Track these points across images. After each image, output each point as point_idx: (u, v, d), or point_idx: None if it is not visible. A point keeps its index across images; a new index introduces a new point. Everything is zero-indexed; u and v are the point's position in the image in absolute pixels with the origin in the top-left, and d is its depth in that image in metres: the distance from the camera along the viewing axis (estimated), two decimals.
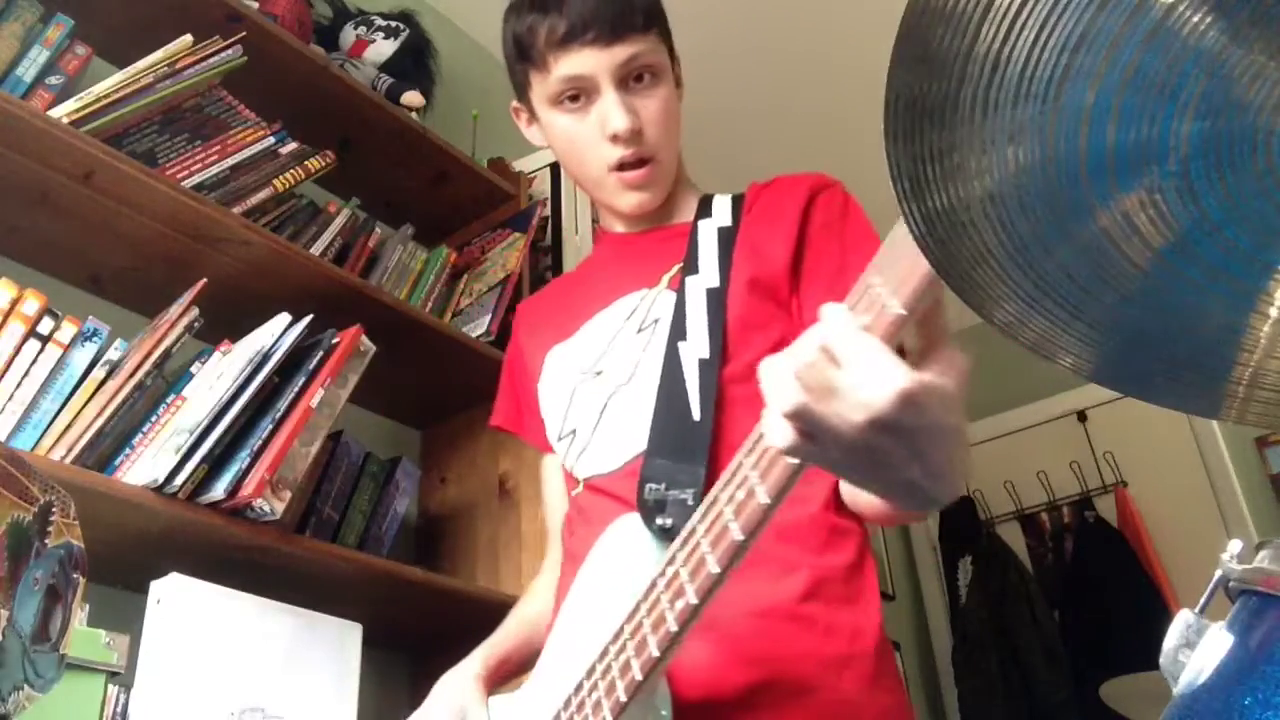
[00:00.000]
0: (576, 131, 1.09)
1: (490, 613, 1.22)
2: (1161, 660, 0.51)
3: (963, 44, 0.38)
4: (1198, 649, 0.50)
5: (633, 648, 0.77)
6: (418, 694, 1.07)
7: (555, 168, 2.32)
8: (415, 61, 2.14)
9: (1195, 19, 0.34)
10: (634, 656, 0.76)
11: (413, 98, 2.04)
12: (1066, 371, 0.47)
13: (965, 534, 3.62)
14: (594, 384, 1.07)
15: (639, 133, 1.07)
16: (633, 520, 0.91)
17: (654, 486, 0.92)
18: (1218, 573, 0.55)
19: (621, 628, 0.79)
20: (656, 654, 0.74)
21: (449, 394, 1.98)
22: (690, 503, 0.88)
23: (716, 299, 1.01)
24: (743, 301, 1.01)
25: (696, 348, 0.99)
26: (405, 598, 1.63)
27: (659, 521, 0.88)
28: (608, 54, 1.05)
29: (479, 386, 1.94)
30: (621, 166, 1.08)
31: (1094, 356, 0.45)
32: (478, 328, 1.93)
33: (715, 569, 0.70)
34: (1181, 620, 0.51)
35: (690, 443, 0.93)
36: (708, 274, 1.04)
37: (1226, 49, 0.35)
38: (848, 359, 0.58)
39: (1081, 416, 3.57)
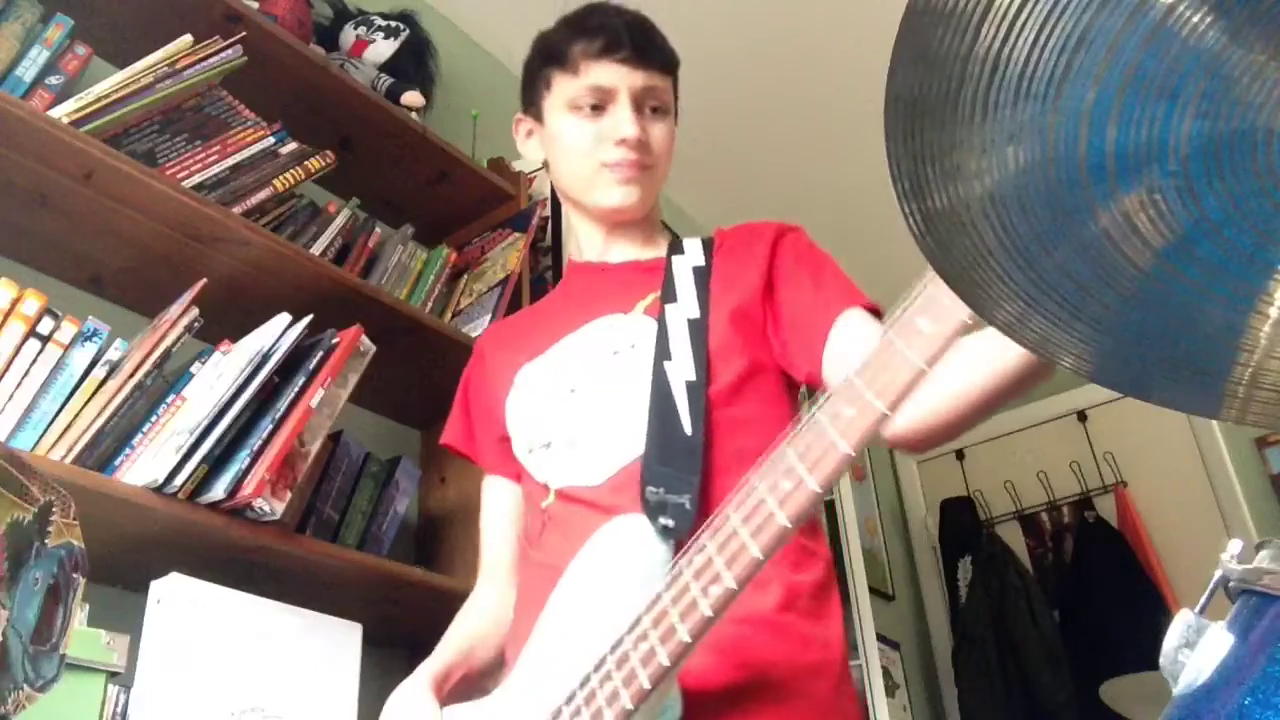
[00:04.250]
0: (583, 133, 1.18)
1: None
2: (1161, 660, 0.51)
3: (963, 44, 0.38)
4: (1198, 649, 0.50)
5: (638, 657, 0.78)
6: None
7: None
8: (415, 61, 2.14)
9: (1195, 19, 0.34)
10: (640, 666, 0.78)
11: (413, 98, 2.04)
12: (1066, 371, 0.47)
13: (965, 534, 3.63)
14: (570, 400, 1.11)
15: (644, 144, 1.17)
16: (635, 519, 0.94)
17: (654, 489, 0.97)
18: (1218, 573, 0.55)
19: (621, 638, 0.81)
20: (667, 663, 0.77)
21: (449, 394, 1.97)
22: (688, 507, 0.94)
23: (698, 328, 1.09)
24: (723, 331, 1.09)
25: (683, 370, 1.05)
26: (405, 598, 1.63)
27: (661, 521, 0.93)
28: (633, 74, 1.17)
29: None
30: (614, 165, 1.17)
31: (1094, 356, 0.45)
32: (478, 328, 1.93)
33: (732, 585, 0.74)
34: (1181, 620, 0.51)
35: (684, 453, 0.99)
36: (687, 305, 1.12)
37: (1226, 49, 0.35)
38: None
39: (1081, 416, 3.58)
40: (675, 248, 1.21)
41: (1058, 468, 3.56)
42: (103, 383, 1.32)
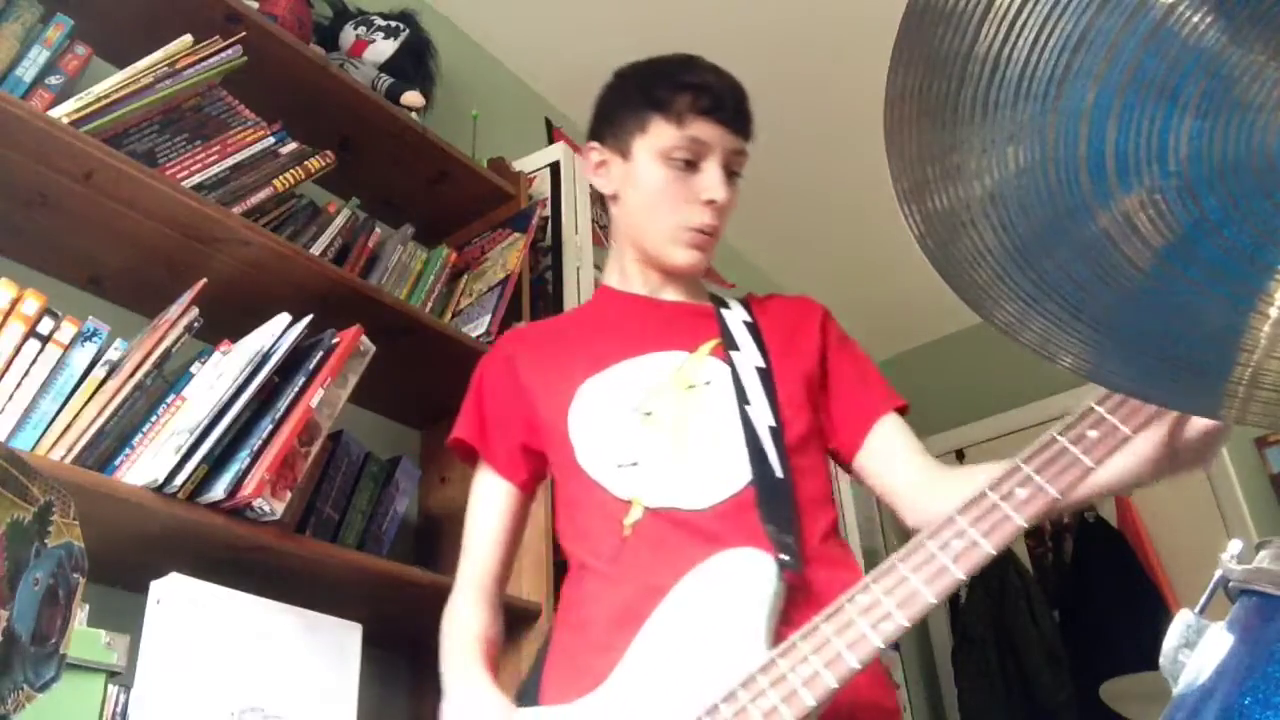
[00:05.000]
0: (674, 188, 1.22)
1: None
2: (1161, 660, 0.51)
3: (963, 44, 0.38)
4: (1198, 649, 0.50)
5: (799, 678, 0.86)
6: (418, 694, 1.07)
7: (555, 168, 2.32)
8: (415, 61, 2.14)
9: (1195, 19, 0.34)
10: (802, 686, 0.85)
11: (413, 98, 2.04)
12: (1066, 371, 0.47)
13: None
14: (652, 424, 1.14)
15: (721, 210, 1.23)
16: (759, 554, 1.00)
17: (771, 528, 1.05)
18: (1218, 573, 0.55)
19: (774, 660, 0.88)
20: (834, 685, 0.85)
21: (449, 394, 1.96)
22: (794, 545, 1.04)
23: (766, 378, 1.17)
24: (791, 386, 1.18)
25: (763, 416, 1.13)
26: (405, 598, 1.63)
27: (783, 556, 1.01)
28: (729, 137, 1.22)
29: None
30: (696, 228, 1.22)
31: (1094, 356, 0.45)
32: (478, 328, 1.93)
33: (904, 622, 0.85)
34: (1181, 620, 0.51)
35: (782, 495, 1.08)
36: (750, 355, 1.20)
37: (1226, 49, 0.35)
38: None
39: None
40: (720, 302, 1.29)
41: None
42: (103, 383, 1.32)
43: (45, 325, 1.30)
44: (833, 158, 3.07)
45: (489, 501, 1.25)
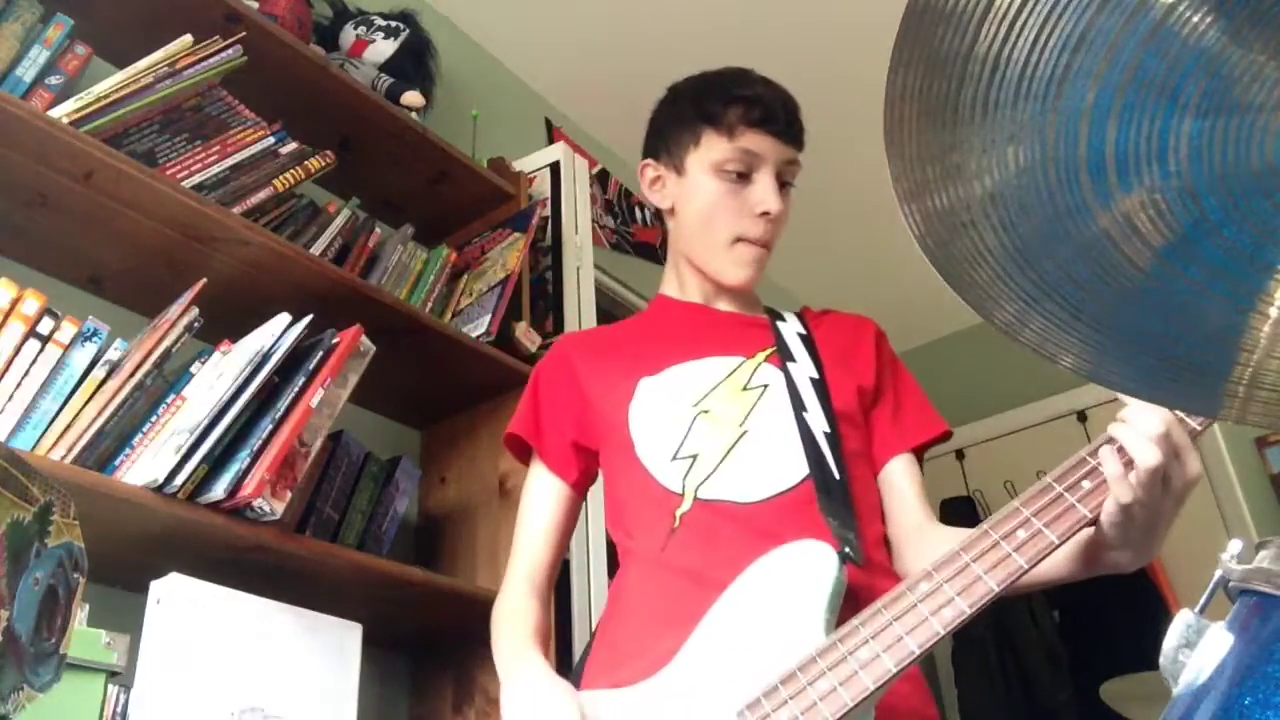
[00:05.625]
0: (727, 200, 1.23)
1: (490, 613, 1.22)
2: (1161, 660, 0.51)
3: (963, 44, 0.38)
4: (1198, 649, 0.50)
5: (858, 662, 0.87)
6: (418, 694, 1.07)
7: (555, 168, 2.32)
8: (415, 61, 2.14)
9: (1195, 19, 0.34)
10: (862, 671, 0.87)
11: (413, 98, 2.04)
12: (1066, 371, 0.47)
13: None
14: (710, 420, 1.17)
15: (776, 220, 1.24)
16: (824, 547, 1.01)
17: (832, 521, 1.07)
18: (1218, 573, 0.55)
19: (834, 644, 0.90)
20: (893, 669, 0.86)
21: (449, 394, 1.98)
22: (856, 541, 1.06)
23: (820, 388, 1.19)
24: (846, 398, 1.20)
25: (819, 422, 1.15)
26: (405, 598, 1.63)
27: (845, 549, 1.02)
28: (781, 148, 1.24)
29: (479, 386, 1.94)
30: (750, 241, 1.24)
31: (1094, 356, 0.45)
32: (478, 328, 1.93)
33: (965, 608, 0.87)
34: (1181, 620, 0.51)
35: (840, 494, 1.11)
36: (805, 365, 1.22)
37: (1226, 49, 0.35)
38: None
39: (1081, 416, 3.57)
40: (775, 314, 1.31)
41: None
42: (103, 383, 1.32)
43: (45, 325, 1.30)
44: (833, 158, 3.07)
45: (541, 498, 1.26)
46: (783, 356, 1.22)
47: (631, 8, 2.67)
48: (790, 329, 1.27)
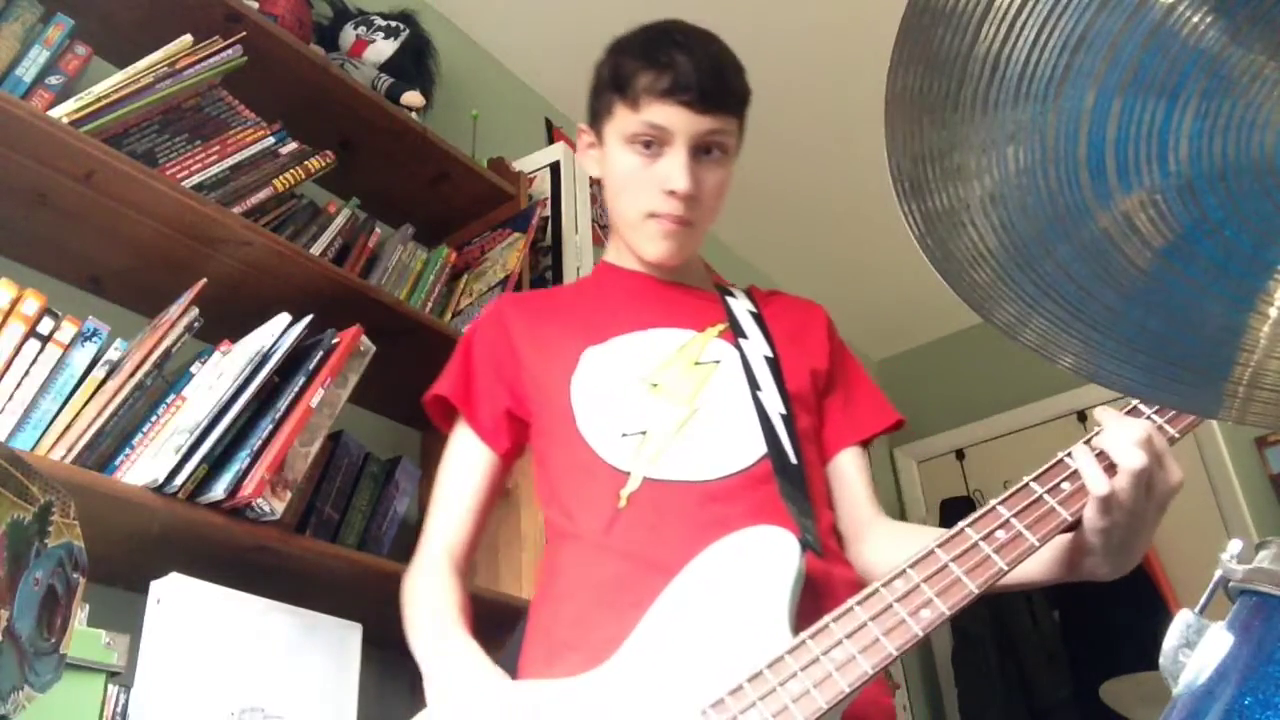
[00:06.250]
0: (637, 174, 1.16)
1: (490, 613, 1.22)
2: (1161, 660, 0.51)
3: (963, 44, 0.38)
4: (1198, 649, 0.50)
5: (833, 664, 0.83)
6: (418, 694, 1.05)
7: (555, 168, 2.32)
8: (415, 61, 2.14)
9: (1195, 19, 0.34)
10: (837, 672, 0.82)
11: (413, 98, 2.04)
12: (1066, 371, 0.47)
13: None
14: (660, 396, 1.11)
15: (692, 198, 1.15)
16: (783, 533, 0.96)
17: (791, 506, 1.02)
18: (1218, 573, 0.55)
19: (805, 642, 0.85)
20: (870, 671, 0.82)
21: None
22: (814, 529, 1.02)
23: (774, 368, 1.14)
24: (800, 380, 1.16)
25: (774, 403, 1.11)
26: None
27: (806, 536, 0.98)
28: (695, 119, 1.13)
29: None
30: (660, 216, 1.16)
31: (1094, 356, 0.45)
32: None
33: (944, 609, 0.84)
34: (1181, 620, 0.51)
35: (797, 479, 1.06)
36: (758, 343, 1.17)
37: (1226, 49, 0.35)
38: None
39: (1081, 417, 3.57)
40: (724, 290, 1.26)
41: None
42: (103, 383, 1.32)
43: (45, 325, 1.30)
44: (833, 158, 3.07)
45: (468, 467, 1.17)
46: (735, 332, 1.17)
47: (631, 8, 2.66)
48: (741, 306, 1.22)
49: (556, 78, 2.80)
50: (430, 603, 1.10)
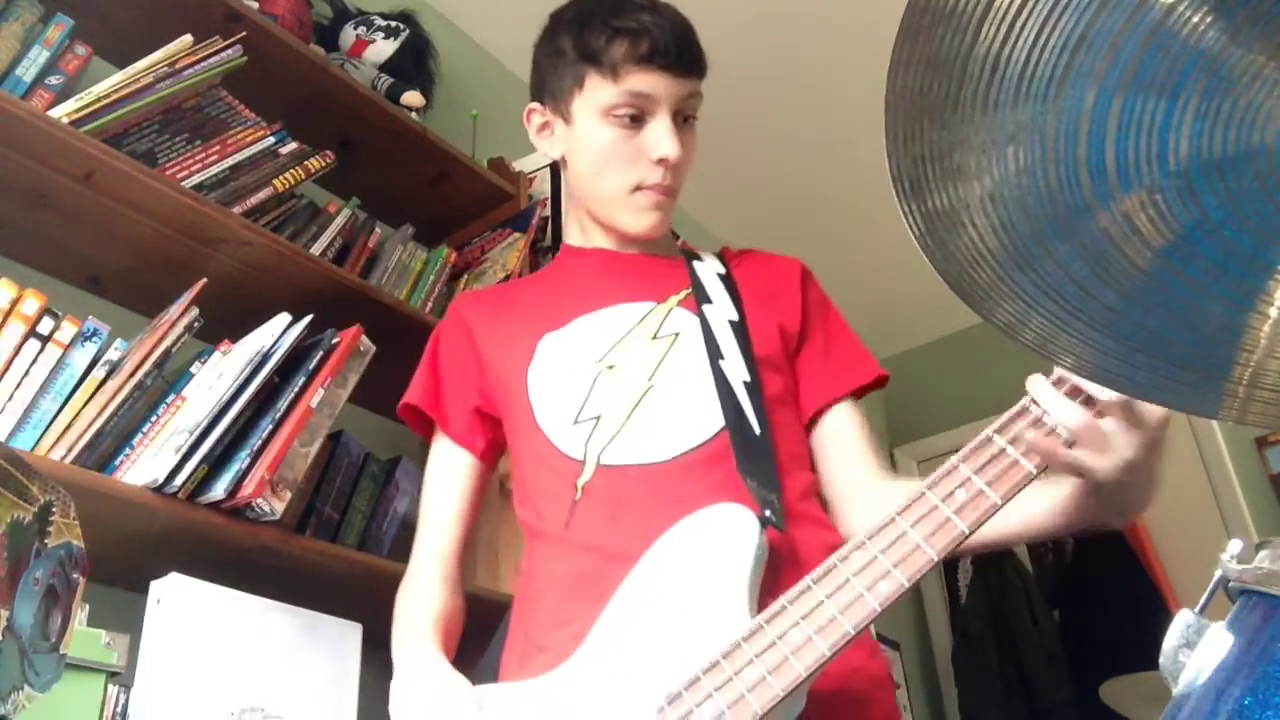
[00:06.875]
0: (620, 147, 1.11)
1: (491, 613, 1.21)
2: (1161, 660, 0.51)
3: (963, 44, 0.38)
4: (1198, 649, 0.50)
5: (789, 648, 0.79)
6: None
7: (555, 168, 2.32)
8: (415, 61, 2.14)
9: (1195, 19, 0.34)
10: (793, 656, 0.79)
11: (413, 98, 2.04)
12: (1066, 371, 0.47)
13: None
14: (614, 377, 1.07)
15: (677, 166, 1.12)
16: (742, 510, 0.92)
17: (750, 481, 0.96)
18: (1218, 573, 0.55)
19: (761, 626, 0.81)
20: (829, 653, 0.79)
21: None
22: (777, 502, 0.95)
23: (740, 331, 1.09)
24: (768, 341, 1.11)
25: (737, 370, 1.06)
26: None
27: (766, 513, 0.92)
28: (676, 83, 1.10)
29: None
30: (648, 188, 1.13)
31: (1094, 356, 0.45)
32: None
33: (903, 580, 0.79)
34: (1181, 620, 0.51)
35: (760, 451, 1.00)
36: (723, 307, 1.12)
37: (1226, 49, 0.35)
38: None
39: None
40: (691, 254, 1.21)
41: None
42: (103, 383, 1.32)
43: (45, 325, 1.30)
44: (833, 158, 3.07)
45: (446, 473, 1.18)
46: (698, 299, 1.12)
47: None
48: (708, 269, 1.17)
49: None
50: (403, 615, 1.11)
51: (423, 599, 1.11)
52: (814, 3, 2.65)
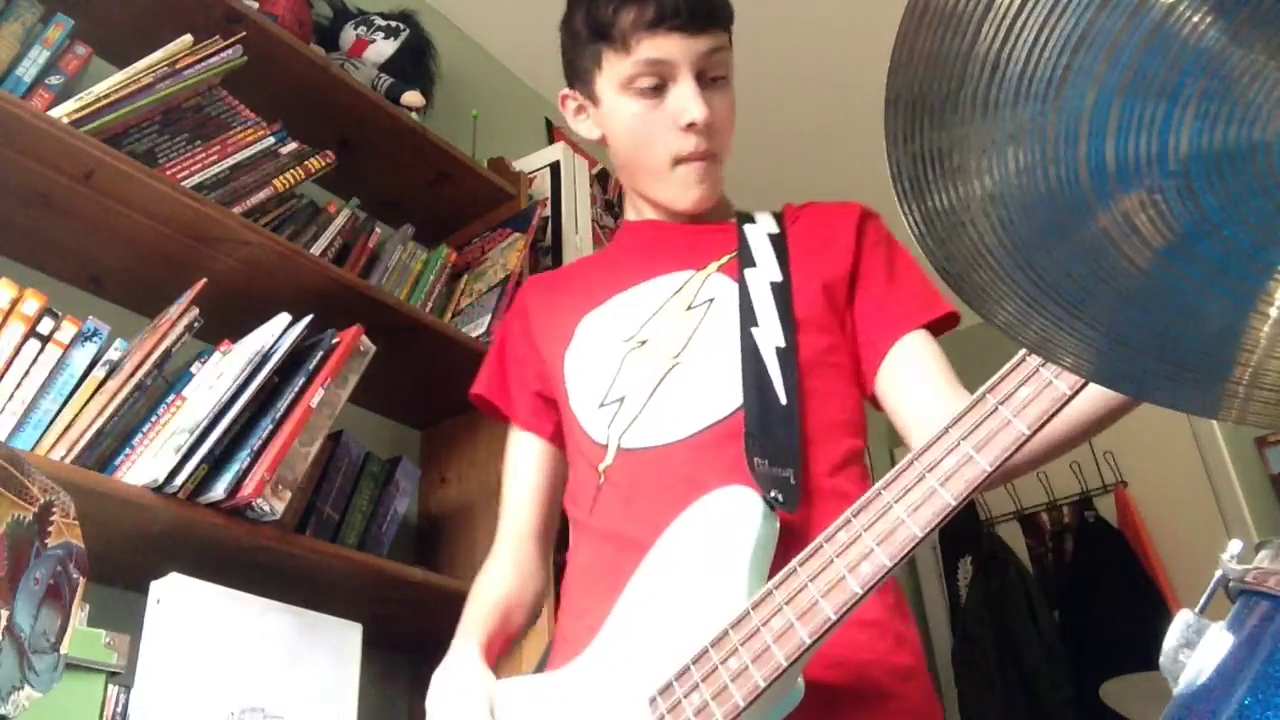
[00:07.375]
0: (647, 119, 1.08)
1: None
2: (1161, 660, 0.51)
3: (963, 44, 0.38)
4: (1198, 649, 0.50)
5: (771, 635, 0.75)
6: (418, 694, 1.06)
7: (555, 168, 2.32)
8: (415, 61, 2.15)
9: (1195, 19, 0.34)
10: (774, 643, 0.75)
11: (413, 98, 2.04)
12: (1066, 371, 0.47)
13: (965, 534, 3.62)
14: (643, 354, 1.04)
15: (710, 126, 1.07)
16: (745, 492, 0.88)
17: (760, 461, 0.91)
18: (1218, 573, 0.55)
19: (748, 613, 0.78)
20: (808, 641, 0.74)
21: (449, 394, 1.97)
22: (793, 481, 0.90)
23: (781, 293, 1.03)
24: (811, 301, 1.04)
25: (771, 335, 1.00)
26: (405, 598, 1.63)
27: (773, 494, 0.88)
28: (692, 42, 1.05)
29: None
30: (687, 159, 1.08)
31: (1094, 356, 0.45)
32: (478, 328, 1.93)
33: (886, 561, 0.73)
34: (1181, 620, 0.51)
35: (782, 423, 0.94)
36: (767, 269, 1.06)
37: (1226, 49, 0.35)
38: None
39: None
40: (745, 217, 1.16)
41: (1058, 468, 3.55)
42: (103, 383, 1.32)
43: (45, 325, 1.30)
44: (833, 157, 3.07)
45: (517, 459, 1.17)
46: (742, 263, 1.07)
47: None
48: (760, 230, 1.12)
49: (556, 78, 2.79)
50: (475, 600, 1.11)
51: (489, 584, 1.11)
52: (814, 3, 2.65)
